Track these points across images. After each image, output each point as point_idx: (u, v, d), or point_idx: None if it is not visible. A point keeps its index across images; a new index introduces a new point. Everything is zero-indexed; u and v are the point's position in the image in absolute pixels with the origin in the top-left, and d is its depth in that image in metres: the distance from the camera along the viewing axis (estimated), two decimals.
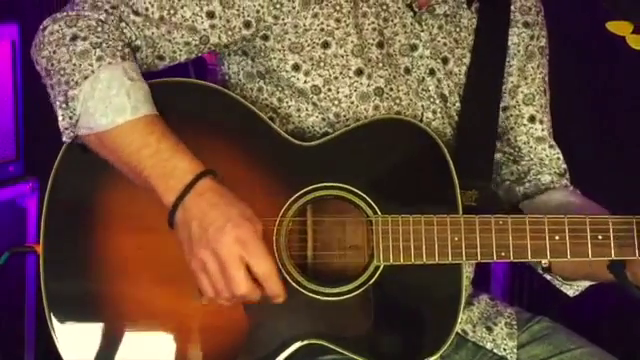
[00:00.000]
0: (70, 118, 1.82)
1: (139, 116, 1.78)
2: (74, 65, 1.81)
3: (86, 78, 1.79)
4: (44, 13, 2.71)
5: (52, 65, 1.83)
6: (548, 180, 2.10)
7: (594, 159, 2.12)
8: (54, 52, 1.83)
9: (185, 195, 1.74)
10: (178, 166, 1.75)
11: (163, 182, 1.75)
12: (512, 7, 2.07)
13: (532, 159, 2.10)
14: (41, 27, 1.87)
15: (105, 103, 1.78)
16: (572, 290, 2.06)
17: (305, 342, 1.85)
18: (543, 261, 1.94)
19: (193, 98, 1.89)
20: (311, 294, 1.85)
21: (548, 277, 2.03)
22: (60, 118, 1.83)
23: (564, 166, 2.12)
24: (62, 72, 1.81)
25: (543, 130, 2.10)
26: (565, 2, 2.80)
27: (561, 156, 2.12)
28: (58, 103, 1.82)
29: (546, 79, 2.13)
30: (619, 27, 1.82)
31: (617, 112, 3.00)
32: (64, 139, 1.84)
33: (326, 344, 1.86)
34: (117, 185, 1.87)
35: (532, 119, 2.10)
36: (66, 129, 1.83)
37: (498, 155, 2.12)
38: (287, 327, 1.86)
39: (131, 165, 1.79)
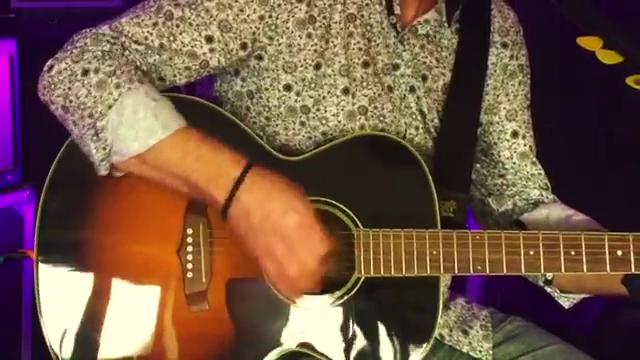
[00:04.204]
0: (104, 149, 1.82)
1: (171, 132, 1.80)
2: (94, 97, 1.81)
3: (110, 107, 1.80)
4: (41, 28, 2.78)
5: (70, 102, 1.83)
6: (537, 194, 2.13)
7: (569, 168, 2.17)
8: (69, 89, 1.83)
9: (236, 190, 1.78)
10: (222, 165, 1.79)
11: (213, 182, 1.79)
12: (491, 28, 2.10)
13: (516, 174, 2.13)
14: (45, 69, 1.86)
15: (134, 128, 1.79)
16: (568, 302, 2.09)
17: (289, 350, 1.90)
18: (548, 275, 2.00)
19: (183, 112, 1.88)
20: (295, 304, 1.90)
21: (548, 289, 2.06)
22: (94, 151, 1.82)
23: (546, 181, 2.16)
24: (83, 106, 1.81)
25: (525, 145, 2.14)
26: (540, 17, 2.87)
27: (543, 172, 2.15)
28: (89, 136, 1.81)
29: (528, 96, 2.16)
30: (589, 42, 1.83)
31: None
32: (101, 172, 1.85)
33: (309, 352, 1.90)
34: (110, 194, 1.92)
35: (515, 134, 2.13)
36: (102, 161, 1.83)
37: (483, 170, 2.16)
38: (271, 336, 1.90)
39: (176, 174, 1.81)
